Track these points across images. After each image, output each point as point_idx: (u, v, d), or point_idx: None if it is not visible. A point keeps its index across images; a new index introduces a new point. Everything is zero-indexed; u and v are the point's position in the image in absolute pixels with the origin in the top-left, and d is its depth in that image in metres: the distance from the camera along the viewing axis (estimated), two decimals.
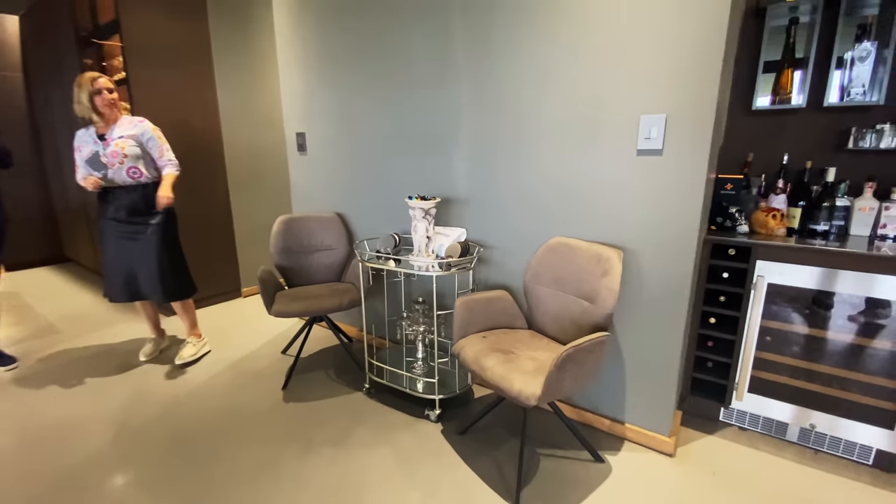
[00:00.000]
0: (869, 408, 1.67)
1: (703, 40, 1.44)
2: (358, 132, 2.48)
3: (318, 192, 2.80)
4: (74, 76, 3.45)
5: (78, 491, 1.58)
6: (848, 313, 1.67)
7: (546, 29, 1.73)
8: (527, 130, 1.87)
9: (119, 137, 2.23)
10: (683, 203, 1.57)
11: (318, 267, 2.58)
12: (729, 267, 1.82)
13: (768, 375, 1.83)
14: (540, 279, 1.84)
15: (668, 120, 1.54)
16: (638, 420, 1.84)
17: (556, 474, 1.65)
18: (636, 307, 1.75)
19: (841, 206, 1.83)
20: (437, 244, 2.05)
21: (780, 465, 1.73)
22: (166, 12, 2.96)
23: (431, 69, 2.10)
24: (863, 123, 1.81)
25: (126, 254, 2.36)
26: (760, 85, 1.95)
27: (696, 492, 1.58)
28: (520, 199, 1.96)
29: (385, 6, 2.19)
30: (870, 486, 1.62)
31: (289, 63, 2.74)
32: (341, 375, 2.37)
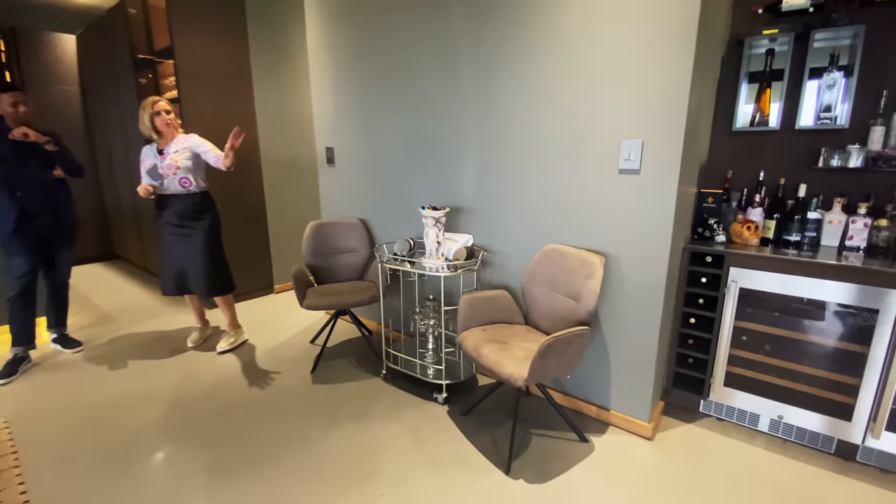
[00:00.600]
0: (830, 401, 1.86)
1: (673, 80, 1.67)
2: (379, 148, 2.78)
3: (344, 200, 3.11)
4: (129, 93, 3.89)
5: (142, 450, 1.92)
6: (810, 316, 1.87)
7: (543, 64, 1.99)
8: (526, 151, 2.13)
9: (174, 152, 2.59)
10: (657, 216, 1.80)
11: (343, 267, 2.89)
12: (706, 273, 2.04)
13: (741, 371, 2.03)
14: (535, 280, 2.09)
15: (644, 144, 1.78)
16: (621, 407, 2.07)
17: (545, 450, 1.90)
18: (618, 306, 1.98)
19: (813, 218, 2.02)
20: (446, 248, 2.32)
21: (750, 451, 1.93)
22: (213, 38, 3.33)
23: (444, 97, 2.38)
24: (832, 145, 2.00)
25: (177, 253, 2.72)
26: (739, 108, 2.15)
27: (668, 469, 1.80)
28: (519, 210, 2.21)
29: (403, 42, 2.48)
30: (830, 472, 1.81)
31: (320, 86, 3.07)
32: (361, 363, 2.67)
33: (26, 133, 2.44)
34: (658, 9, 1.67)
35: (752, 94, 2.12)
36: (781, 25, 2.02)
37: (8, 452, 1.92)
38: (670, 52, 1.67)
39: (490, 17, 2.12)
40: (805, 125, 2.03)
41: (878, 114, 1.91)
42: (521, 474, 1.76)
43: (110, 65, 4.23)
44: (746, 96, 2.14)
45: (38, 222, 2.59)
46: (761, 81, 2.09)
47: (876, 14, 1.86)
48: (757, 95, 2.11)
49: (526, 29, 2.02)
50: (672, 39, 1.66)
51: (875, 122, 1.91)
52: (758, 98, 2.11)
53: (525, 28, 2.02)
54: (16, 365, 2.59)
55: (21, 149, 2.49)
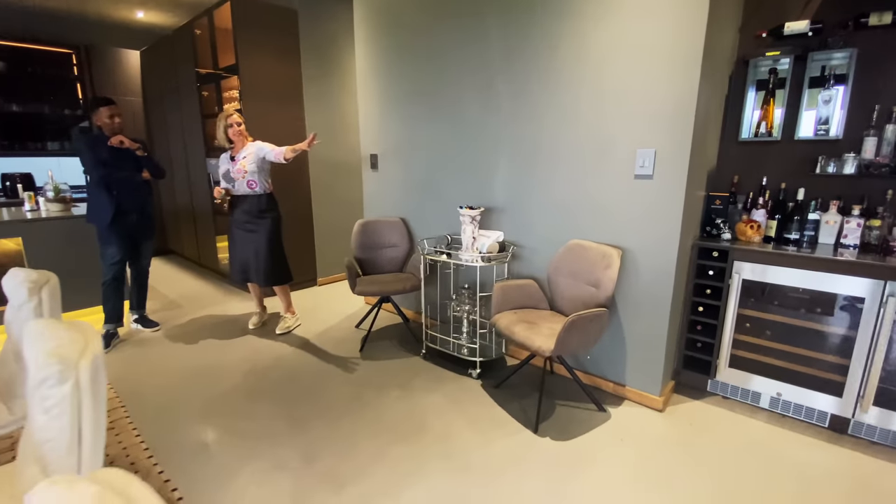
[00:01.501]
0: (823, 380, 2.10)
1: (682, 97, 1.96)
2: (419, 155, 3.13)
3: (386, 201, 3.47)
4: (192, 104, 4.35)
5: (229, 404, 2.30)
6: (806, 304, 2.12)
7: (568, 84, 2.30)
8: (552, 158, 2.44)
9: (243, 158, 2.99)
10: (668, 216, 2.09)
11: (385, 260, 3.24)
12: (713, 266, 2.30)
13: (744, 353, 2.29)
14: (560, 271, 2.39)
15: (656, 153, 2.07)
16: (635, 383, 2.35)
17: (567, 416, 2.20)
18: (633, 294, 2.27)
19: (811, 219, 2.27)
20: (480, 243, 2.64)
21: (751, 424, 2.18)
22: (271, 57, 3.75)
23: (480, 110, 2.71)
24: (828, 153, 2.24)
25: (243, 246, 3.12)
26: (745, 121, 2.42)
27: (676, 436, 2.07)
28: (546, 210, 2.52)
29: (444, 62, 2.82)
30: (824, 443, 2.05)
31: (366, 99, 3.44)
32: (402, 345, 3.01)
33: (122, 140, 2.86)
34: (668, 36, 1.97)
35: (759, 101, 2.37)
36: (783, 47, 2.28)
37: (118, 406, 2.32)
38: (679, 72, 1.96)
39: (522, 42, 2.44)
40: (804, 136, 2.29)
41: (870, 126, 2.16)
42: (547, 433, 2.06)
43: (174, 78, 4.70)
44: (754, 103, 2.39)
45: (129, 217, 3.02)
46: (764, 98, 2.35)
47: (867, 38, 2.11)
48: (761, 110, 2.37)
49: (554, 52, 2.33)
50: (680, 62, 1.95)
51: (868, 133, 2.15)
52: (765, 101, 2.35)
53: (553, 52, 2.33)
54: (108, 339, 3.03)
55: (117, 154, 2.92)
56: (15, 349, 1.50)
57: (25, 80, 5.00)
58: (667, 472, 1.83)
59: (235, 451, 1.94)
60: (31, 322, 1.08)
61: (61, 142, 5.30)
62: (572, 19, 2.24)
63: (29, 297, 1.44)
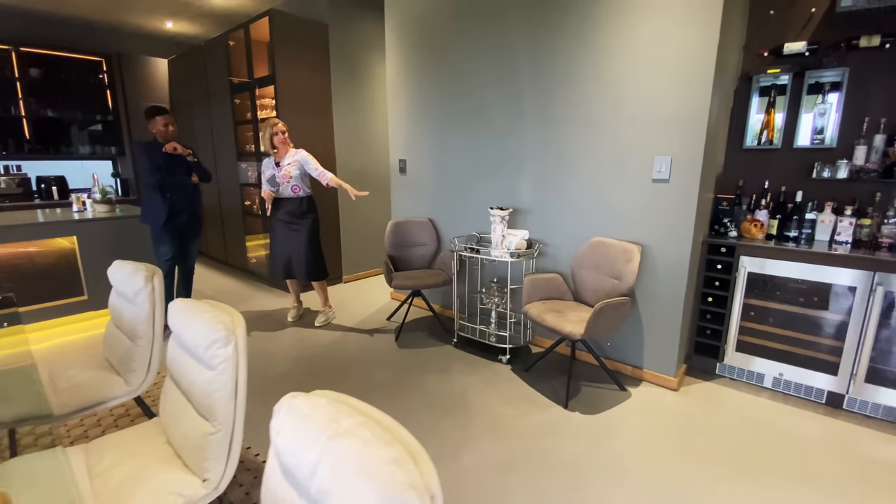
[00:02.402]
0: (820, 360, 2.37)
1: (695, 110, 2.23)
2: (446, 160, 3.39)
3: (414, 203, 3.73)
4: (225, 111, 4.59)
5: (283, 386, 2.54)
6: (804, 294, 2.38)
7: (592, 93, 2.57)
8: (575, 163, 2.70)
9: (287, 164, 3.24)
10: (682, 216, 2.35)
11: (415, 257, 3.49)
12: (721, 260, 2.57)
13: (750, 339, 2.55)
14: (583, 266, 2.65)
15: (672, 160, 2.33)
16: (652, 366, 2.61)
17: (592, 395, 2.45)
18: (650, 286, 2.53)
19: (809, 219, 2.54)
20: (508, 241, 2.90)
21: (756, 401, 2.44)
22: (304, 68, 4.00)
23: (507, 120, 2.97)
24: (823, 160, 2.51)
25: (285, 244, 3.36)
26: (749, 131, 2.69)
27: (688, 411, 2.33)
28: (569, 211, 2.78)
29: (473, 74, 3.09)
30: (820, 416, 2.31)
31: (396, 107, 3.70)
32: (432, 335, 3.27)
33: (175, 147, 3.11)
34: (683, 54, 2.23)
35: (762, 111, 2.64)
36: (783, 66, 2.56)
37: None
38: (692, 89, 2.23)
39: (548, 55, 2.71)
40: (802, 144, 2.56)
41: (861, 135, 2.43)
42: (575, 409, 2.32)
43: (204, 86, 4.95)
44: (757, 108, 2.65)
45: (180, 218, 3.26)
46: (766, 110, 2.62)
47: (858, 58, 2.38)
48: (763, 120, 2.64)
49: (578, 67, 2.60)
50: (694, 79, 2.22)
51: (859, 142, 2.42)
52: (766, 113, 2.63)
53: (578, 66, 2.60)
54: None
55: (170, 160, 3.16)
56: (129, 329, 1.74)
57: (59, 86, 5.23)
58: (682, 440, 2.09)
59: None
60: (177, 302, 1.34)
61: (93, 146, 5.53)
62: (595, 47, 2.51)
63: (145, 284, 1.68)
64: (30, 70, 5.01)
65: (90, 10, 4.93)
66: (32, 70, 5.03)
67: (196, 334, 1.20)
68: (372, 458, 0.64)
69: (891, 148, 2.36)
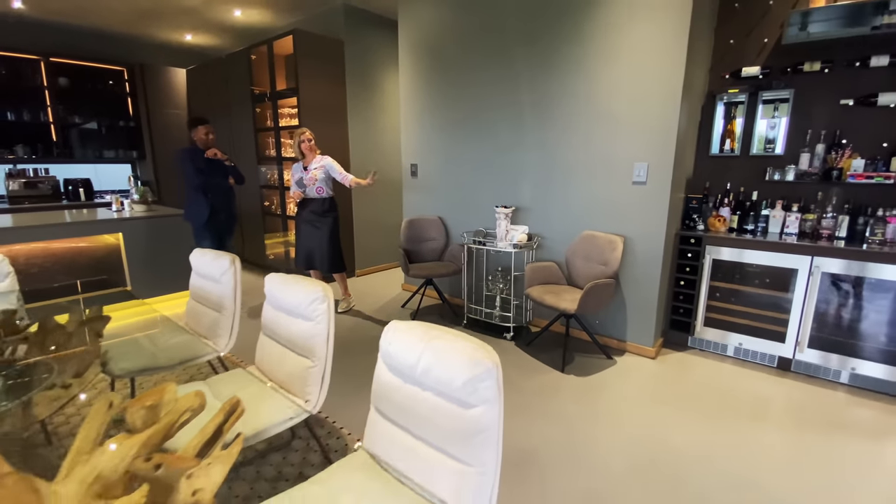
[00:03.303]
0: (771, 331, 2.86)
1: (667, 124, 2.71)
2: (454, 166, 3.84)
3: (425, 203, 4.17)
4: (246, 119, 4.98)
5: None
6: (758, 276, 2.87)
7: (582, 111, 3.04)
8: (568, 168, 3.17)
9: (314, 168, 3.66)
10: (657, 212, 2.83)
11: (427, 251, 3.93)
12: (690, 249, 3.05)
13: (715, 315, 3.04)
14: (576, 255, 3.12)
15: (649, 166, 2.81)
16: (634, 339, 3.08)
17: (585, 362, 2.92)
18: (631, 271, 3.00)
19: (763, 214, 3.03)
20: (511, 235, 3.35)
21: (720, 366, 2.92)
22: (322, 82, 4.42)
23: (508, 129, 3.43)
24: (774, 165, 3.01)
25: (309, 239, 3.78)
26: (714, 141, 3.18)
27: (663, 374, 2.81)
28: (563, 208, 3.25)
29: (481, 92, 3.54)
30: (772, 377, 2.80)
31: (408, 116, 4.14)
32: (444, 319, 3.71)
33: (216, 153, 3.52)
34: (657, 77, 2.71)
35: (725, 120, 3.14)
36: (741, 86, 3.06)
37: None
38: (665, 106, 2.71)
39: (545, 78, 3.17)
40: (756, 152, 3.06)
41: (805, 145, 2.93)
42: (571, 373, 2.78)
43: (225, 95, 5.34)
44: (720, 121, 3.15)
45: (219, 216, 3.67)
46: (727, 123, 3.12)
47: (802, 80, 2.89)
48: (724, 132, 3.14)
49: (570, 88, 3.07)
50: (666, 98, 2.70)
51: (803, 150, 2.93)
52: (724, 133, 3.13)
53: (570, 87, 3.07)
54: None
55: (211, 164, 3.57)
56: (217, 303, 2.15)
57: (84, 94, 5.58)
58: (658, 395, 2.56)
59: (350, 385, 2.61)
60: (273, 276, 1.76)
61: (116, 150, 5.88)
62: (585, 71, 2.98)
63: (229, 266, 2.10)
64: (58, 79, 5.36)
65: (116, 23, 5.30)
66: (61, 79, 5.37)
67: (296, 296, 1.63)
68: (457, 345, 1.08)
69: (829, 155, 2.87)
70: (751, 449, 2.09)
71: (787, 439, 2.17)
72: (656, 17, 2.68)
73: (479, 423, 1.03)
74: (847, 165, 2.78)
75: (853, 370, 2.63)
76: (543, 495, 1.78)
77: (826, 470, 1.95)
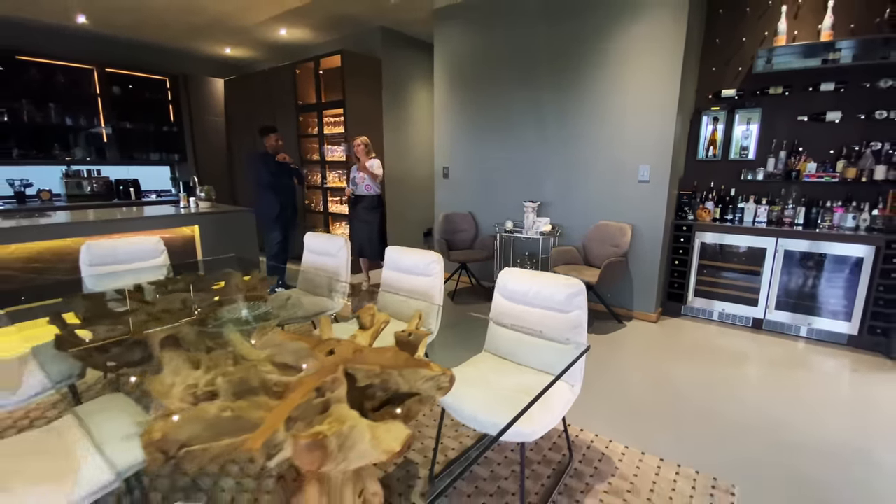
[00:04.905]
0: (746, 297, 3.61)
1: (665, 134, 3.45)
2: (483, 167, 4.53)
3: (455, 200, 4.85)
4: (290, 127, 5.59)
5: None
6: (737, 254, 3.63)
7: (597, 122, 3.77)
8: (585, 169, 3.89)
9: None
10: (658, 205, 3.57)
11: (459, 241, 4.62)
12: (683, 235, 3.80)
13: (703, 288, 3.79)
14: (592, 240, 3.84)
15: (651, 168, 3.55)
16: (639, 308, 3.81)
17: (601, 326, 3.63)
18: (637, 252, 3.73)
19: (740, 206, 3.80)
20: (537, 225, 4.06)
21: (707, 328, 3.67)
22: (363, 95, 5.07)
23: (533, 137, 4.14)
24: (748, 168, 3.78)
25: (360, 231, 4.43)
26: (700, 148, 3.94)
27: (664, 334, 3.54)
28: (581, 203, 3.97)
29: (509, 104, 4.24)
30: (748, 334, 3.55)
31: (441, 122, 4.82)
32: (478, 297, 4.39)
33: (285, 157, 4.14)
34: (657, 97, 3.46)
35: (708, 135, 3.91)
36: (721, 104, 3.82)
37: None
38: (664, 120, 3.45)
39: (567, 96, 3.89)
40: (734, 157, 3.83)
41: (770, 152, 3.70)
42: (591, 333, 3.49)
43: (267, 104, 5.93)
44: (705, 132, 3.92)
45: (286, 213, 4.29)
46: (710, 133, 3.89)
47: (769, 100, 3.66)
48: (708, 139, 3.90)
49: (588, 105, 3.79)
50: (664, 114, 3.44)
51: (769, 156, 3.70)
52: (709, 141, 3.89)
53: (589, 106, 3.80)
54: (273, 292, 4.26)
55: (279, 167, 4.19)
56: (334, 272, 2.79)
57: (132, 102, 6.11)
58: (660, 348, 3.29)
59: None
60: (393, 248, 2.42)
61: (160, 153, 6.40)
62: (600, 91, 3.71)
63: (344, 244, 2.75)
64: (113, 87, 5.88)
65: (165, 37, 5.86)
66: (115, 87, 5.90)
67: (414, 260, 2.29)
68: (554, 278, 1.77)
69: (789, 160, 3.64)
70: (733, 381, 2.82)
71: (761, 374, 2.91)
72: (656, 49, 3.42)
73: (575, 320, 1.71)
74: (803, 168, 3.56)
75: (810, 325, 3.40)
76: (594, 403, 2.47)
77: (790, 393, 2.69)
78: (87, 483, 1.21)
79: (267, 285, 2.36)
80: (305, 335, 1.57)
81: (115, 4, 4.61)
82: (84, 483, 1.20)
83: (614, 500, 1.73)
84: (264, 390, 1.29)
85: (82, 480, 1.21)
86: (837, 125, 3.44)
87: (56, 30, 5.43)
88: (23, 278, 3.47)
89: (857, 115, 3.34)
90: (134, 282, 2.53)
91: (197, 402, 1.29)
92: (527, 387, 1.61)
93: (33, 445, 1.36)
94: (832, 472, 1.93)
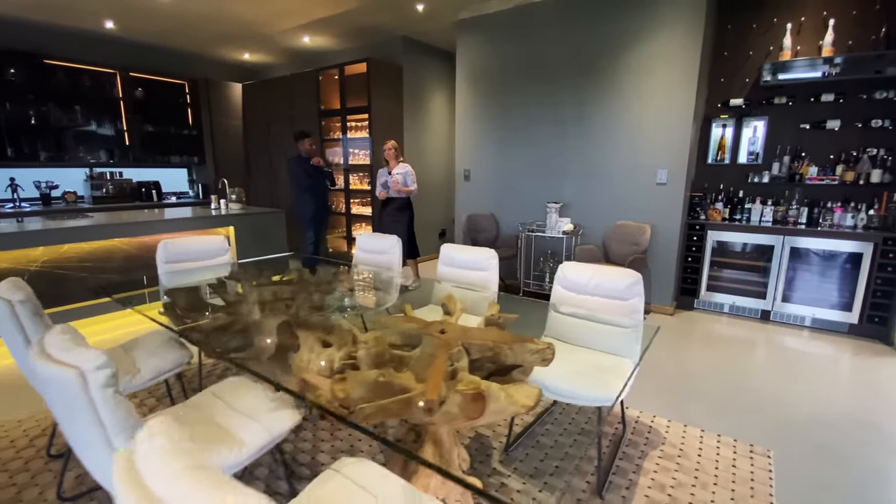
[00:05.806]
0: (755, 291, 3.92)
1: (682, 140, 3.74)
2: (504, 170, 4.78)
3: (476, 201, 5.09)
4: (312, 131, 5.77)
5: None
6: (746, 251, 3.94)
7: (617, 129, 4.04)
8: (605, 172, 4.16)
9: (396, 173, 4.53)
10: (674, 206, 3.86)
11: (482, 240, 4.86)
12: (696, 234, 4.09)
13: (714, 282, 4.09)
14: (612, 239, 4.12)
15: (668, 171, 3.84)
16: (657, 301, 4.09)
17: None
18: (655, 250, 4.01)
19: (748, 207, 4.11)
20: (559, 225, 4.32)
21: (719, 319, 3.96)
22: (386, 100, 5.29)
23: (554, 141, 4.40)
24: (755, 171, 4.09)
25: (389, 231, 4.63)
26: (710, 153, 4.24)
27: (679, 326, 3.82)
28: (600, 204, 4.24)
29: (529, 110, 4.50)
30: (757, 324, 3.85)
31: (462, 127, 5.06)
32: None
33: (319, 160, 4.34)
34: (674, 106, 3.74)
35: (717, 141, 4.21)
36: (730, 113, 4.13)
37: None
38: (680, 128, 3.74)
39: (587, 105, 4.17)
40: (742, 161, 4.13)
41: (776, 156, 4.02)
42: None
43: (288, 109, 6.11)
44: (715, 138, 4.22)
45: (320, 213, 4.49)
46: (720, 139, 4.19)
47: (774, 110, 3.97)
48: (718, 145, 4.21)
49: (608, 115, 4.07)
50: (680, 122, 3.73)
51: (774, 160, 4.01)
52: (718, 147, 4.20)
53: (609, 115, 4.07)
54: None
55: (315, 170, 4.39)
56: (386, 266, 3.01)
57: (153, 105, 6.24)
58: (676, 337, 3.57)
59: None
60: (448, 245, 2.65)
61: (180, 156, 6.53)
62: (622, 101, 3.99)
63: (396, 243, 2.98)
64: (135, 91, 6.01)
65: (189, 43, 6.00)
66: (137, 91, 6.03)
67: (469, 257, 2.53)
68: (613, 270, 2.02)
69: (793, 164, 3.96)
70: (751, 365, 3.11)
71: (770, 359, 3.20)
72: (675, 60, 3.71)
73: (633, 307, 1.97)
74: (805, 171, 3.87)
75: (814, 316, 3.72)
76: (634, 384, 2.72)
77: (796, 374, 2.98)
78: (249, 445, 1.42)
79: (345, 278, 2.57)
80: (409, 319, 1.80)
81: (149, 12, 4.76)
82: (248, 445, 1.41)
83: (669, 463, 1.99)
84: (392, 362, 1.52)
85: (247, 442, 1.42)
86: (837, 132, 3.76)
87: (81, 34, 5.54)
88: (76, 277, 3.62)
89: (855, 123, 3.66)
90: (204, 278, 2.73)
91: (332, 374, 1.51)
92: (596, 363, 1.86)
93: (186, 414, 1.56)
94: (846, 441, 2.21)
